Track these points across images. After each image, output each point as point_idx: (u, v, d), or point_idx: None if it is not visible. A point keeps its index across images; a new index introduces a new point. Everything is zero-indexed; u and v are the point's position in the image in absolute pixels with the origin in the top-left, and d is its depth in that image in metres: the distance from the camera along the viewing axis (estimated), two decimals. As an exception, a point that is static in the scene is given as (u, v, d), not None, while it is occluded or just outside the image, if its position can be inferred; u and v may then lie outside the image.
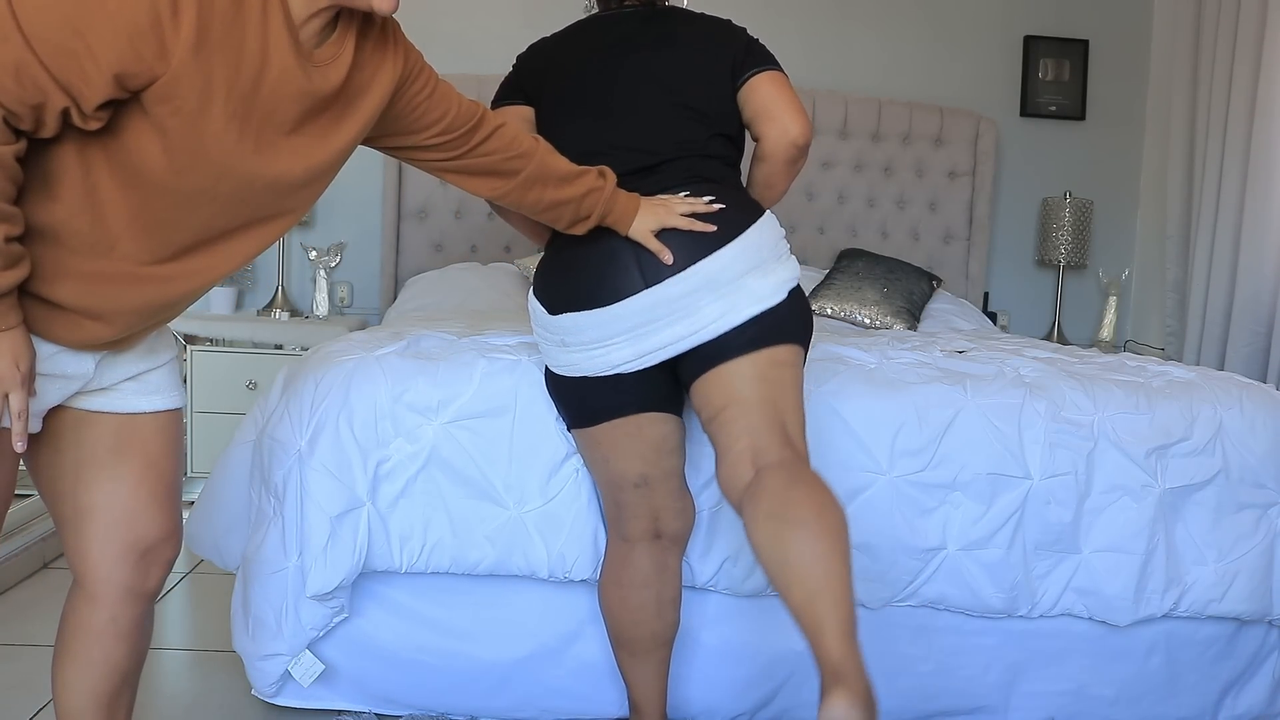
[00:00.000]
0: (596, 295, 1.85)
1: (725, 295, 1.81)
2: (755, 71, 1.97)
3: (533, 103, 2.03)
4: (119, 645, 1.56)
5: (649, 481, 1.95)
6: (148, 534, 1.52)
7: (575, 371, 1.92)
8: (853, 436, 2.14)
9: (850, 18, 4.29)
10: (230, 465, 2.29)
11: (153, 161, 1.31)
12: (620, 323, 1.83)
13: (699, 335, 1.82)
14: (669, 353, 1.84)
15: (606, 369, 1.87)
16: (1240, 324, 3.78)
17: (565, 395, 2.00)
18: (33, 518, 3.07)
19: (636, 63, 1.97)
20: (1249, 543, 2.23)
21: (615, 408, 1.91)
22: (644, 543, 1.99)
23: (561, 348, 1.92)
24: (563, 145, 1.89)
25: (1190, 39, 4.14)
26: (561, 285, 1.90)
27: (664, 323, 1.82)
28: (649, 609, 1.99)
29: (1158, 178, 4.47)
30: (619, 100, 1.95)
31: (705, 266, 1.81)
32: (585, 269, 1.88)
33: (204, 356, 3.86)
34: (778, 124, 1.95)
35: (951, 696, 2.24)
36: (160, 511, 1.54)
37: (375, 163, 4.23)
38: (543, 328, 1.95)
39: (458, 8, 4.29)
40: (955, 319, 3.86)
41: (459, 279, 3.80)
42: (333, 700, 2.21)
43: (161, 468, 1.54)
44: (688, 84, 1.95)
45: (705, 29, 2.02)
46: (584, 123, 1.96)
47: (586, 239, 1.88)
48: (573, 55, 2.02)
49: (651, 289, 1.82)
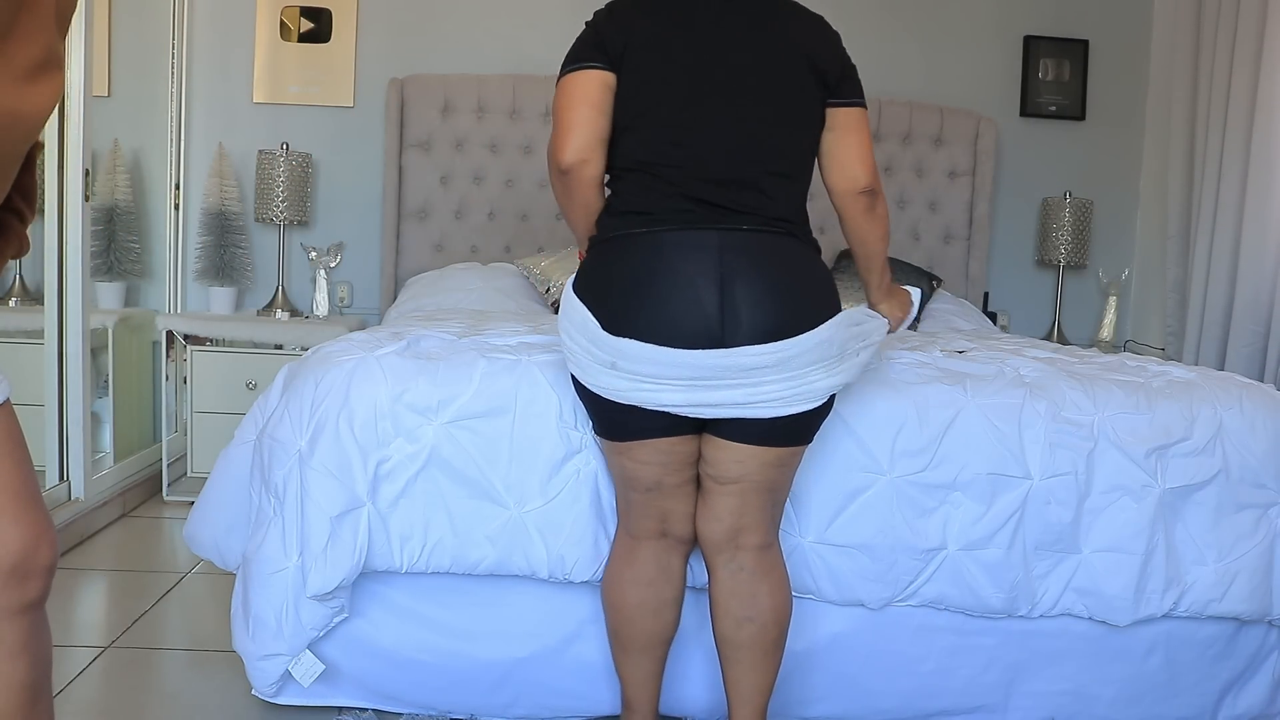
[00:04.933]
0: (670, 334, 1.76)
1: (790, 380, 1.79)
2: (848, 103, 1.91)
3: (615, 69, 1.86)
4: (16, 663, 1.37)
5: (662, 487, 1.93)
6: (10, 549, 1.32)
7: (619, 398, 1.83)
8: (853, 436, 2.14)
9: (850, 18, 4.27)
10: (230, 465, 2.29)
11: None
12: (682, 369, 1.76)
13: (753, 410, 1.80)
14: (720, 414, 1.82)
15: (652, 405, 1.82)
16: (1240, 324, 3.78)
17: (599, 410, 1.94)
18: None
19: (735, 50, 1.85)
20: (1249, 543, 2.23)
21: (648, 429, 1.87)
22: (650, 541, 1.98)
23: (610, 370, 1.81)
24: (640, 142, 1.84)
25: (1190, 39, 4.14)
26: (626, 304, 1.79)
27: (725, 384, 1.77)
28: (648, 607, 1.98)
29: (1158, 178, 4.47)
30: (717, 108, 1.84)
31: (787, 346, 1.77)
32: (658, 297, 1.77)
33: (204, 356, 3.86)
34: (845, 172, 1.92)
35: (951, 696, 2.24)
36: (17, 521, 1.33)
37: (375, 163, 4.25)
38: (592, 343, 1.82)
39: (458, 8, 4.29)
40: (955, 319, 3.86)
41: (459, 279, 3.80)
42: (333, 700, 2.21)
43: (6, 470, 1.32)
44: (791, 106, 1.87)
45: (801, 24, 1.91)
46: (673, 120, 1.85)
47: (659, 256, 1.79)
48: (657, 27, 1.87)
49: (729, 351, 1.75)
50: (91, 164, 3.32)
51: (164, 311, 4.15)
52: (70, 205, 3.25)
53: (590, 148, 1.85)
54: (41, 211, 3.21)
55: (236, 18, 4.22)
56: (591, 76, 1.86)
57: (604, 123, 1.86)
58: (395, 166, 4.17)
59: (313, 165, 4.18)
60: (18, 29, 1.19)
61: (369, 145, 4.26)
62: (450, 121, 4.19)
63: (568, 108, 1.86)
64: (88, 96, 3.24)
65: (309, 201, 4.15)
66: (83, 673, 2.36)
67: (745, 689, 1.97)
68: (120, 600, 2.89)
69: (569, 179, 1.87)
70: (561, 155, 1.85)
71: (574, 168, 1.85)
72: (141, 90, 4.16)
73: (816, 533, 2.14)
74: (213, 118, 4.24)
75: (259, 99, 4.26)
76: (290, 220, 4.06)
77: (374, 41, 4.27)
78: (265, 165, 4.02)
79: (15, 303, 3.65)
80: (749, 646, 1.95)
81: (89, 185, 3.29)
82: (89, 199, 3.31)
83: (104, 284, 3.95)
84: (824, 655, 2.20)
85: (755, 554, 1.94)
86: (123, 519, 3.58)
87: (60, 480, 3.32)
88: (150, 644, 2.56)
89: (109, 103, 3.80)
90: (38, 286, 3.45)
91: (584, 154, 1.85)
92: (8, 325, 3.68)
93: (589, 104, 1.86)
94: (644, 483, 1.93)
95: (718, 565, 1.96)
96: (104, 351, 3.82)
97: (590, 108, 1.86)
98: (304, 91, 4.27)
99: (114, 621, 2.71)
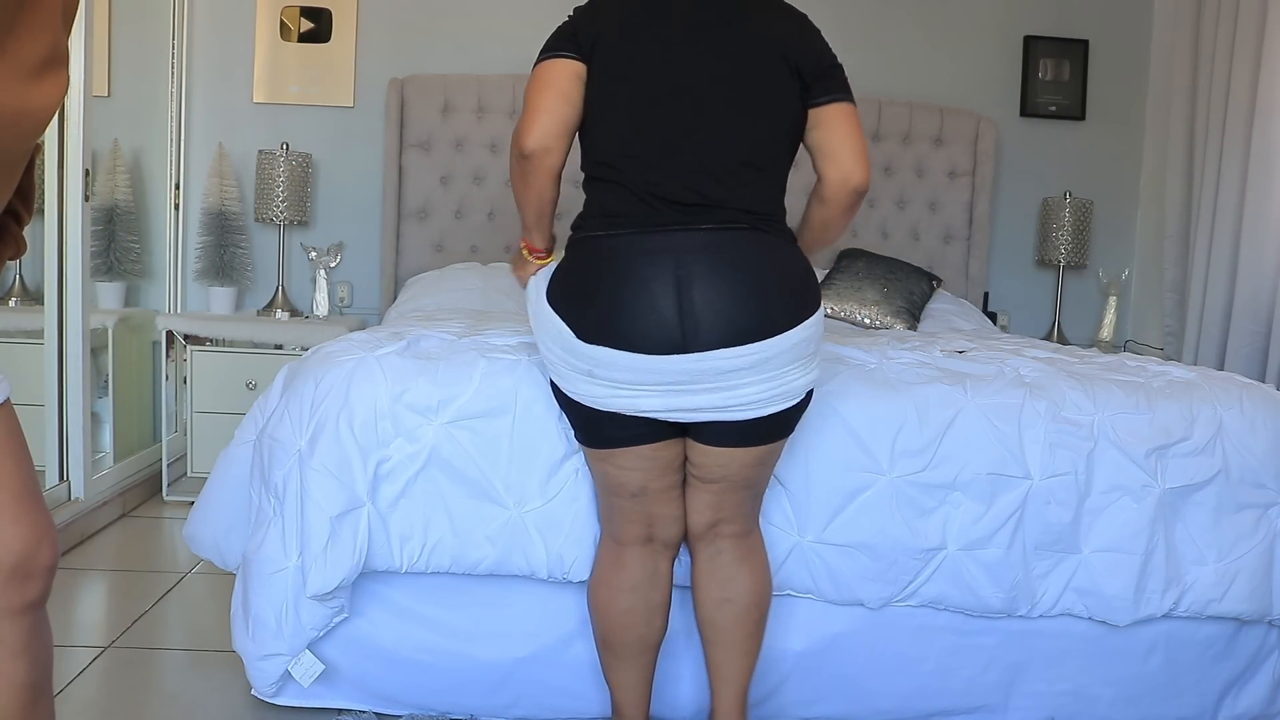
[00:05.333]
0: (637, 340, 1.75)
1: (768, 380, 1.79)
2: (829, 100, 1.86)
3: (586, 61, 1.85)
4: (16, 664, 1.38)
5: (648, 492, 1.93)
6: (11, 549, 1.33)
7: (598, 405, 1.84)
8: (853, 436, 2.14)
9: (850, 18, 4.29)
10: (230, 465, 2.29)
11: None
12: (657, 375, 1.77)
13: (732, 413, 1.81)
14: (699, 417, 1.82)
15: (630, 411, 1.82)
16: (1240, 324, 3.78)
17: (578, 417, 1.94)
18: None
19: (711, 44, 1.82)
20: (1249, 543, 2.23)
21: (630, 438, 1.88)
22: (636, 546, 1.98)
23: (587, 378, 1.82)
24: (604, 136, 1.83)
25: (1190, 39, 4.14)
26: (593, 312, 1.79)
27: (702, 387, 1.77)
28: (638, 613, 1.98)
29: (1158, 178, 4.46)
30: (680, 102, 1.82)
31: (764, 348, 1.76)
32: (621, 302, 1.76)
33: (204, 356, 3.87)
34: (841, 168, 1.85)
35: (951, 697, 2.24)
36: (18, 521, 1.34)
37: (375, 163, 4.25)
38: (568, 352, 1.82)
39: (458, 8, 4.29)
40: (955, 319, 3.86)
41: (459, 279, 3.80)
42: (333, 699, 2.21)
43: (6, 470, 1.34)
44: (758, 98, 1.83)
45: (781, 19, 1.88)
46: (635, 114, 1.83)
47: (618, 260, 1.77)
48: (630, 20, 1.86)
49: (702, 355, 1.74)
50: (91, 164, 3.32)
51: (164, 311, 4.15)
52: (70, 205, 3.25)
53: (553, 135, 1.84)
54: (41, 211, 3.21)
55: (236, 18, 4.22)
56: (562, 65, 1.85)
57: (570, 112, 1.85)
58: (395, 166, 4.17)
59: (313, 165, 4.18)
60: (22, 25, 1.19)
61: (369, 145, 4.26)
62: (450, 121, 4.19)
63: (536, 93, 1.86)
64: (88, 96, 3.24)
65: (309, 201, 4.15)
66: (83, 673, 2.36)
67: (728, 671, 1.99)
68: (120, 600, 2.89)
69: (528, 164, 1.85)
70: (525, 140, 1.83)
71: (535, 154, 1.84)
72: (141, 90, 4.16)
73: (816, 532, 2.14)
74: (213, 118, 4.23)
75: (259, 99, 4.26)
76: (290, 220, 4.06)
77: (374, 41, 4.27)
78: (265, 165, 4.02)
79: (15, 303, 3.65)
80: (729, 628, 1.97)
81: (89, 185, 3.29)
82: (89, 199, 3.31)
83: (104, 284, 3.95)
84: (824, 655, 2.20)
85: (734, 540, 1.98)
86: (123, 519, 3.58)
87: (60, 480, 3.32)
88: (150, 644, 2.56)
89: (109, 103, 3.80)
90: (38, 286, 3.45)
91: (547, 141, 1.83)
92: (8, 325, 3.68)
93: (556, 92, 1.85)
94: (629, 489, 1.93)
95: (698, 551, 2.00)
96: (104, 351, 3.82)
97: (557, 95, 1.84)
98: (304, 91, 4.27)
99: (114, 621, 2.71)
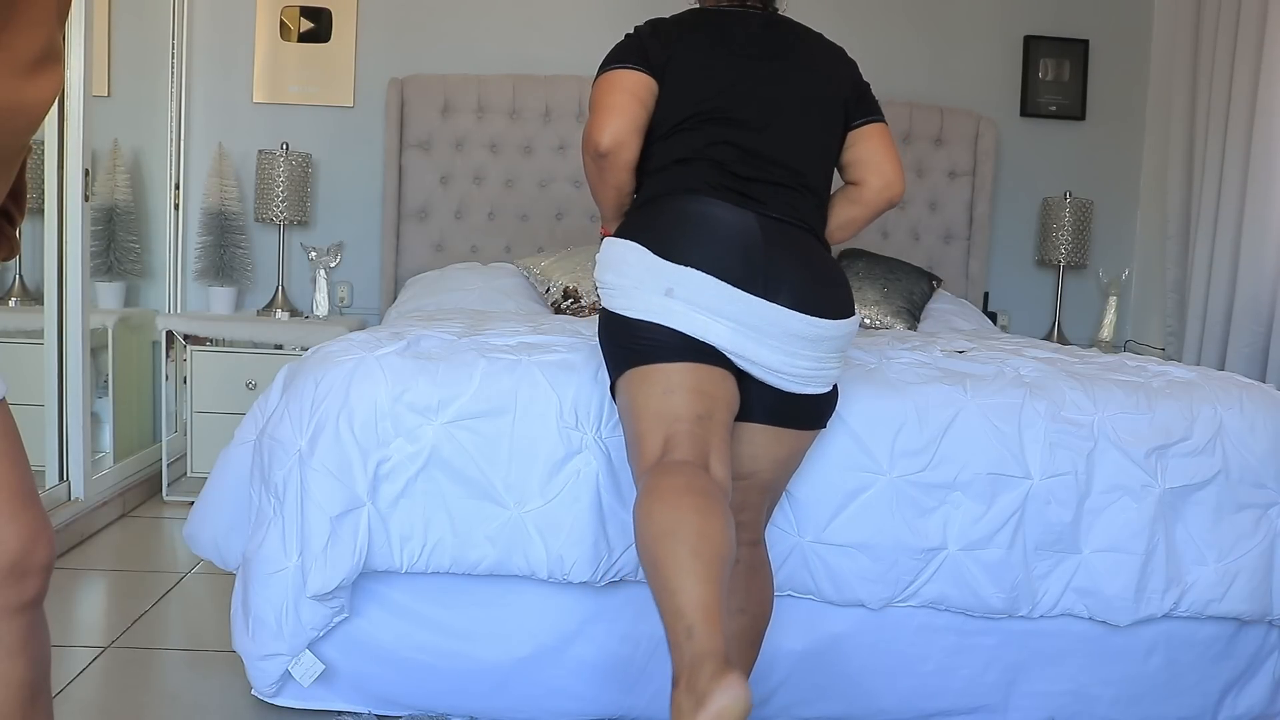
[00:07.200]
0: (724, 268, 1.79)
1: (818, 361, 1.85)
2: (867, 120, 2.02)
3: (657, 77, 1.94)
4: (14, 663, 1.38)
5: (712, 415, 1.79)
6: (8, 548, 1.32)
7: (670, 322, 1.79)
8: (853, 436, 2.14)
9: (850, 18, 4.29)
10: (230, 465, 2.29)
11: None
12: (735, 308, 1.78)
13: (783, 379, 1.84)
14: (753, 370, 1.83)
15: (701, 335, 1.78)
16: (1240, 324, 3.78)
17: (643, 333, 1.81)
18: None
19: (772, 72, 1.96)
20: (1249, 543, 2.23)
21: (701, 354, 1.79)
22: (690, 465, 1.72)
23: (664, 295, 1.79)
24: (677, 144, 1.90)
25: (1190, 39, 4.14)
26: (689, 239, 1.81)
27: (767, 341, 1.81)
28: (698, 508, 1.59)
29: (1158, 178, 4.47)
30: (760, 106, 1.94)
31: (831, 327, 1.84)
32: (720, 237, 1.82)
33: (204, 356, 3.86)
34: (883, 177, 2.01)
35: (952, 697, 2.24)
36: (14, 519, 1.33)
37: (375, 163, 4.25)
38: (648, 271, 1.80)
39: (458, 8, 4.29)
40: (955, 319, 3.86)
41: (459, 279, 3.80)
42: (332, 700, 2.21)
43: (2, 469, 1.32)
44: (814, 125, 1.97)
45: (825, 53, 2.05)
46: (708, 129, 1.92)
47: (707, 205, 1.84)
48: (698, 44, 1.97)
49: (779, 309, 1.80)
50: (91, 164, 3.32)
51: (164, 311, 4.15)
52: (70, 205, 3.25)
53: (627, 131, 1.92)
54: (41, 211, 3.20)
55: (236, 18, 4.22)
56: (634, 74, 1.93)
57: (641, 112, 1.93)
58: (395, 166, 4.17)
59: (313, 165, 4.18)
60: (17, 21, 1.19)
61: (369, 145, 4.26)
62: (450, 121, 4.19)
63: (608, 93, 1.93)
64: (88, 96, 3.23)
65: (309, 201, 4.15)
66: (83, 673, 2.36)
67: None
68: (120, 600, 2.89)
69: (604, 162, 1.92)
70: (600, 137, 1.90)
71: (611, 150, 1.90)
72: (141, 90, 4.16)
73: (816, 533, 2.14)
74: (213, 118, 4.24)
75: (259, 99, 4.26)
76: (290, 220, 4.06)
77: (374, 41, 4.27)
78: (265, 165, 4.02)
79: (15, 303, 3.65)
80: (738, 637, 1.96)
81: (89, 185, 3.29)
82: (89, 199, 3.31)
83: (104, 284, 3.95)
84: (824, 655, 2.20)
85: (748, 549, 1.97)
86: (122, 519, 3.58)
87: (60, 480, 3.31)
88: (150, 644, 2.56)
89: (109, 102, 3.80)
90: (37, 286, 3.45)
91: (621, 136, 1.91)
92: (8, 325, 3.68)
93: (629, 94, 1.93)
94: (693, 412, 1.76)
95: None
96: (104, 351, 3.82)
97: (630, 96, 1.93)
98: (304, 91, 4.27)
99: (114, 621, 2.71)
